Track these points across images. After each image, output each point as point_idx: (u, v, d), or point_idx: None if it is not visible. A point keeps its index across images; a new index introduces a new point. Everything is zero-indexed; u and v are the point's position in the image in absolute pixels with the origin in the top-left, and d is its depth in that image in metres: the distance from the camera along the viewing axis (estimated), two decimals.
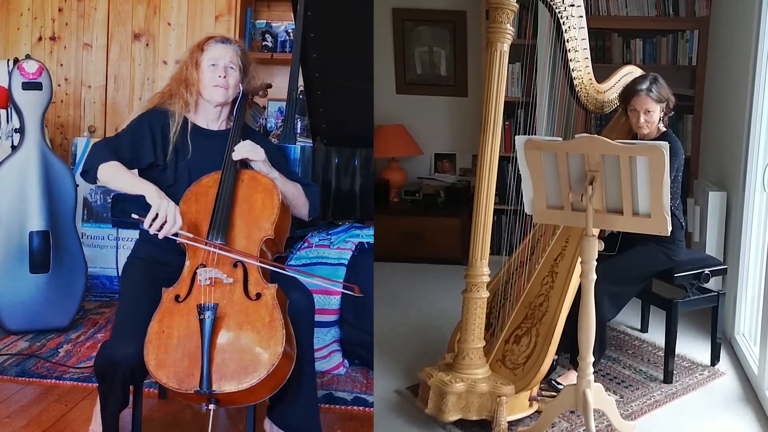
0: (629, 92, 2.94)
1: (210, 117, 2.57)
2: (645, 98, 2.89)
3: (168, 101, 2.54)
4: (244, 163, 2.48)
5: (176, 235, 2.29)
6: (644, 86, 2.90)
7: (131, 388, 2.30)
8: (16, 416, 2.76)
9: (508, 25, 2.60)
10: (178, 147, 2.49)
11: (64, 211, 3.74)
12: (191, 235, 2.28)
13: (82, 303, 3.83)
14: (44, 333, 3.66)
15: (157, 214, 2.23)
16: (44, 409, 2.84)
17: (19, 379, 3.11)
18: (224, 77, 2.50)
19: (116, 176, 2.36)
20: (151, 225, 2.23)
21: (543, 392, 2.86)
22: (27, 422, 2.71)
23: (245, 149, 2.45)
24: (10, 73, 3.77)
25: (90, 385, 3.01)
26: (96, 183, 2.42)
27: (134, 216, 2.26)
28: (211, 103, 2.54)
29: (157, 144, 2.47)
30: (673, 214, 2.89)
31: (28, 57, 3.83)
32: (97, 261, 4.32)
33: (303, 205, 2.58)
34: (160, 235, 2.24)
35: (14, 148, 3.80)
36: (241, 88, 2.56)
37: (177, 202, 2.38)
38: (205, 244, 2.27)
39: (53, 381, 3.10)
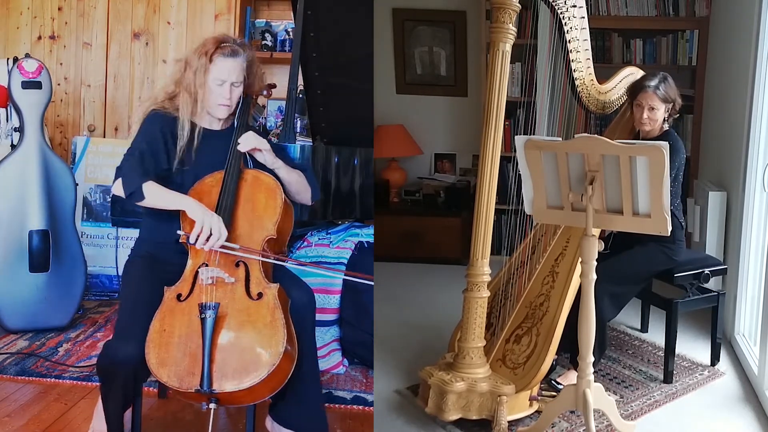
0: (637, 87, 2.97)
1: (212, 119, 2.56)
2: (651, 95, 2.91)
3: (171, 105, 2.48)
4: (247, 163, 2.48)
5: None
6: (653, 83, 2.93)
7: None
8: (15, 415, 2.76)
9: (510, 25, 2.60)
10: (187, 152, 2.46)
11: (63, 210, 3.73)
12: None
13: (81, 302, 3.82)
14: (44, 332, 3.65)
15: (202, 228, 2.23)
16: (44, 408, 2.84)
17: (19, 378, 3.11)
18: (229, 97, 2.47)
19: (156, 195, 2.33)
20: (197, 239, 2.23)
21: (543, 392, 2.86)
22: (27, 421, 2.71)
23: (251, 140, 2.45)
24: (9, 72, 3.76)
25: (89, 384, 3.01)
26: (143, 202, 2.35)
27: (179, 232, 2.27)
28: (215, 117, 2.52)
29: (170, 150, 2.44)
30: (673, 214, 2.89)
31: (27, 56, 3.83)
32: (96, 260, 4.32)
33: (306, 190, 2.61)
34: (206, 248, 2.24)
35: (14, 147, 3.79)
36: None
37: None
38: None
39: (53, 380, 3.09)
